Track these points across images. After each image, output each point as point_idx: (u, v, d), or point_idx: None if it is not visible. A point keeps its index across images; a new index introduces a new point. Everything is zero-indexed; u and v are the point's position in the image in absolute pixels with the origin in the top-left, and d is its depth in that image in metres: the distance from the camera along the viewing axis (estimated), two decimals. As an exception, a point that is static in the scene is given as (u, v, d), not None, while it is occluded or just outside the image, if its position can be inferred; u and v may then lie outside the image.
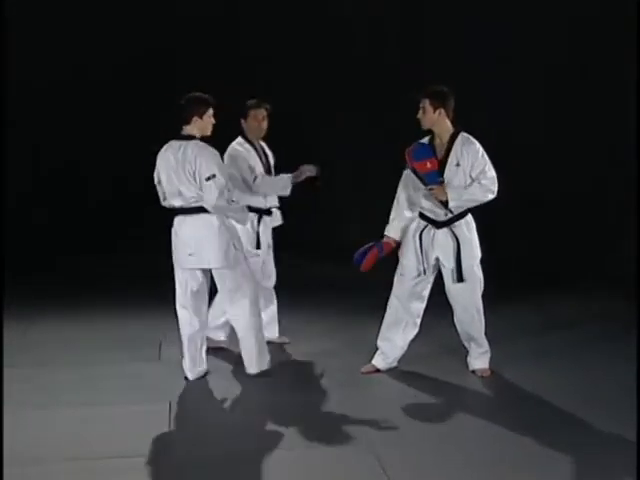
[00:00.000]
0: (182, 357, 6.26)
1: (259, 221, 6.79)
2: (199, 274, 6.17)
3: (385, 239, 6.25)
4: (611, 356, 6.63)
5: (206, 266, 6.08)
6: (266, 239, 6.85)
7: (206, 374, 6.30)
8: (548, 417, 5.45)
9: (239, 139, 6.84)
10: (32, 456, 4.90)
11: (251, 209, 6.67)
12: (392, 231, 6.25)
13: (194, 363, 6.23)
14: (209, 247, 6.01)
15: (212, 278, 6.21)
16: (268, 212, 6.86)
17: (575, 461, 4.67)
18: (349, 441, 5.10)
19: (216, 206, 5.94)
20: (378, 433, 5.21)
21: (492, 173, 6.03)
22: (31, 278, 9.84)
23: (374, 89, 10.87)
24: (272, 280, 7.00)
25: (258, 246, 6.75)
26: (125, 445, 5.06)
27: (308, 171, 6.68)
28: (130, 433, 5.26)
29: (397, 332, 6.30)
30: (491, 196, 6.04)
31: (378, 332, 6.38)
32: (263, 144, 6.96)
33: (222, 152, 6.20)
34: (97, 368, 6.61)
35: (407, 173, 6.22)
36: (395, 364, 6.40)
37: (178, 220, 6.11)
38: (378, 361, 6.39)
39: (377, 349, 6.40)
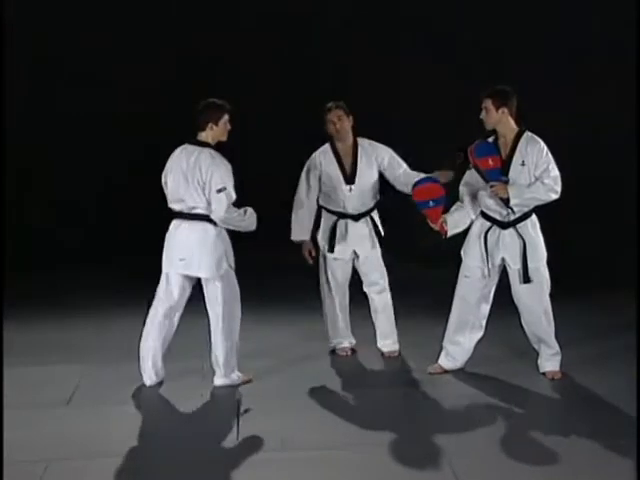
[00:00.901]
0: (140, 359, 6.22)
1: (335, 225, 6.67)
2: (184, 282, 6.08)
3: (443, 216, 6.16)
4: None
5: (195, 274, 5.99)
6: (351, 244, 6.69)
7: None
8: (619, 421, 5.41)
9: (323, 146, 6.75)
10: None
11: (331, 212, 6.70)
12: (449, 216, 6.17)
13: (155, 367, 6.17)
14: (201, 255, 5.92)
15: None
16: (353, 217, 6.68)
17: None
18: (418, 444, 5.10)
19: (224, 219, 5.88)
20: (447, 436, 5.18)
21: (555, 172, 5.99)
22: (31, 278, 9.66)
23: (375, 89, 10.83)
24: (372, 288, 6.81)
25: (331, 249, 6.66)
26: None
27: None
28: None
29: (464, 334, 6.26)
30: (554, 196, 6.00)
31: (442, 333, 6.35)
32: (365, 143, 6.73)
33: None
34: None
35: (470, 172, 6.18)
36: (462, 365, 6.37)
37: (175, 224, 6.03)
38: (445, 362, 6.35)
39: (441, 349, 6.37)
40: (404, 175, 6.63)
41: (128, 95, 10.74)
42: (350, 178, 6.65)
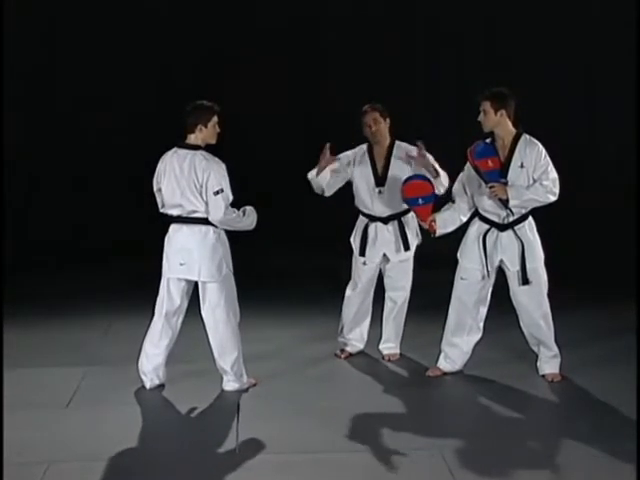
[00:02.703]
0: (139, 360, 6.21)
1: (366, 227, 6.65)
2: (185, 286, 6.07)
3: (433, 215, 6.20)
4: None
5: (195, 278, 5.97)
6: (380, 248, 6.63)
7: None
8: (619, 424, 5.42)
9: (362, 145, 6.69)
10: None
11: (363, 214, 6.69)
12: (438, 215, 6.19)
13: (156, 371, 6.17)
14: (201, 259, 5.90)
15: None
16: (382, 220, 6.61)
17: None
18: (416, 444, 5.15)
19: (223, 221, 5.86)
20: (445, 436, 5.24)
21: (554, 175, 6.01)
22: (31, 278, 9.63)
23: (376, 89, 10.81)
24: (396, 293, 6.76)
25: (362, 253, 6.63)
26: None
27: None
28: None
29: (462, 336, 6.27)
30: (552, 198, 6.01)
31: (441, 335, 6.36)
32: (402, 147, 6.61)
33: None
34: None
35: (466, 172, 6.20)
36: (461, 368, 6.38)
37: (174, 228, 5.99)
38: (444, 364, 6.37)
39: (440, 351, 6.38)
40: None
41: (128, 98, 10.78)
42: (380, 180, 6.59)
